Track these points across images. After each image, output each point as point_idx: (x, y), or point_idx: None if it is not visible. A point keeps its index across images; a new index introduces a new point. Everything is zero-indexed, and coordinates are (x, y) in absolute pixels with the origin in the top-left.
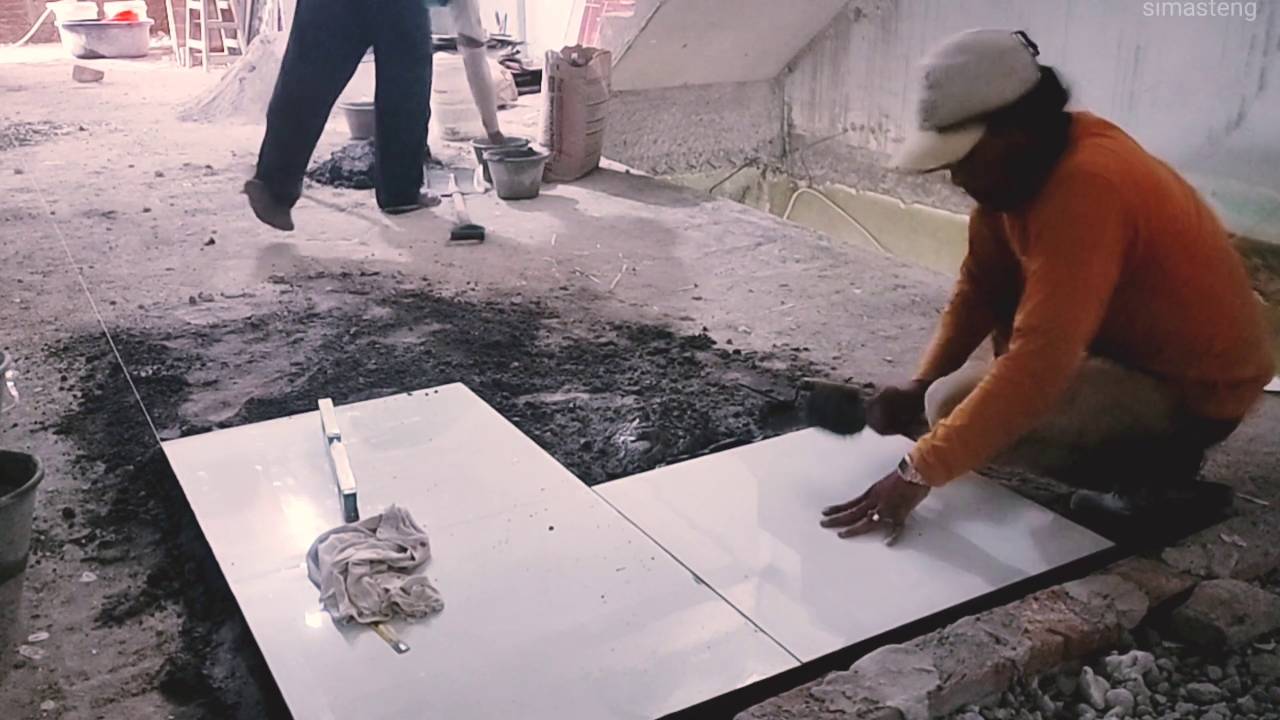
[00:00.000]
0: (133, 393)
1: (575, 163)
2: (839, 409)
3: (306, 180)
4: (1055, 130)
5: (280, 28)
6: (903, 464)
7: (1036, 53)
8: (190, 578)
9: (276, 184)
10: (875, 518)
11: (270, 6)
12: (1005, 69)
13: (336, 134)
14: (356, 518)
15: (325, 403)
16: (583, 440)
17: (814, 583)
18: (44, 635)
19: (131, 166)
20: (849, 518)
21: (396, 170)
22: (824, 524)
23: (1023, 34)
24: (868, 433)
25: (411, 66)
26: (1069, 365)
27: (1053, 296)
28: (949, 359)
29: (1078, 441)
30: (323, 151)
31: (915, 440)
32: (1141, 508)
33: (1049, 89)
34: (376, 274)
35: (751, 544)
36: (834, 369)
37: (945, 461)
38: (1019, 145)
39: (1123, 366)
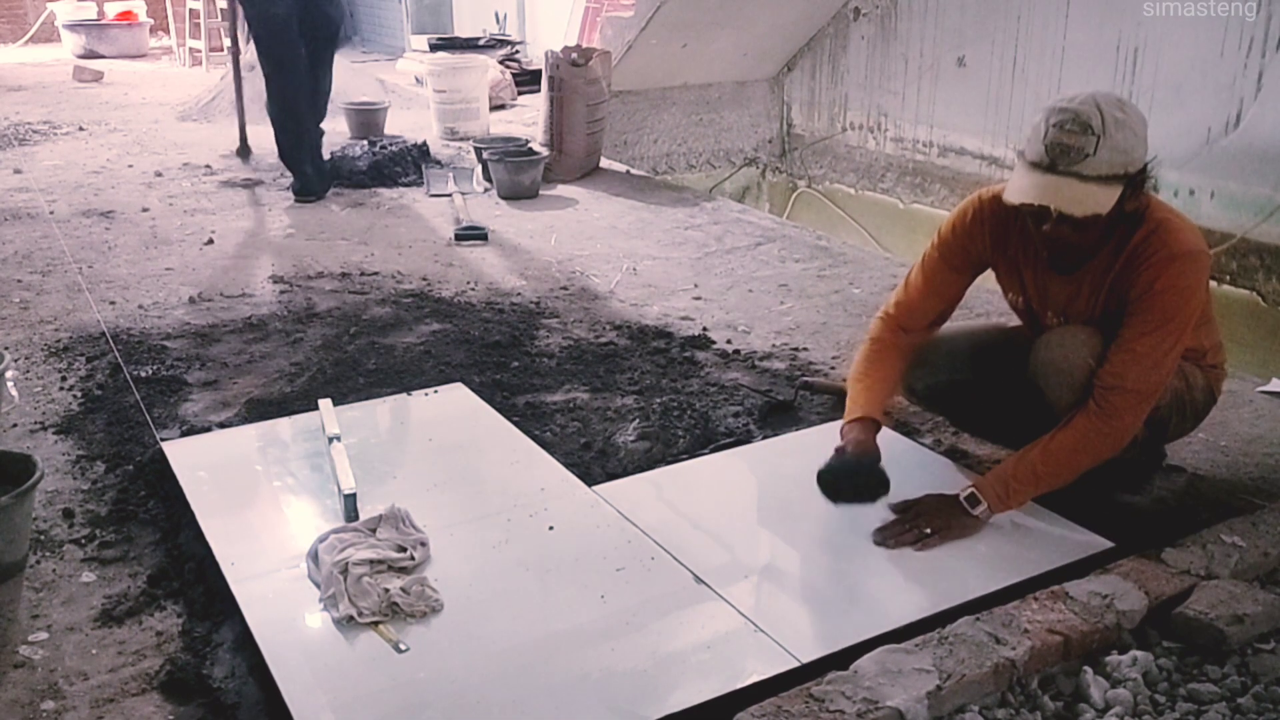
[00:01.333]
0: (133, 393)
1: (575, 163)
2: (859, 481)
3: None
4: (1144, 203)
5: None
6: (973, 499)
7: None
8: (190, 578)
9: (326, 187)
10: (929, 531)
11: None
12: (1146, 135)
13: (336, 134)
14: (356, 518)
15: (325, 403)
16: (583, 440)
17: (814, 583)
18: (44, 635)
19: (131, 166)
20: (900, 534)
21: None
22: (876, 542)
23: None
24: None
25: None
26: (1143, 420)
27: (1160, 365)
28: (886, 396)
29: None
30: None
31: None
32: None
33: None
34: (376, 274)
35: (751, 544)
36: (833, 368)
37: (1020, 498)
38: (1130, 208)
39: None
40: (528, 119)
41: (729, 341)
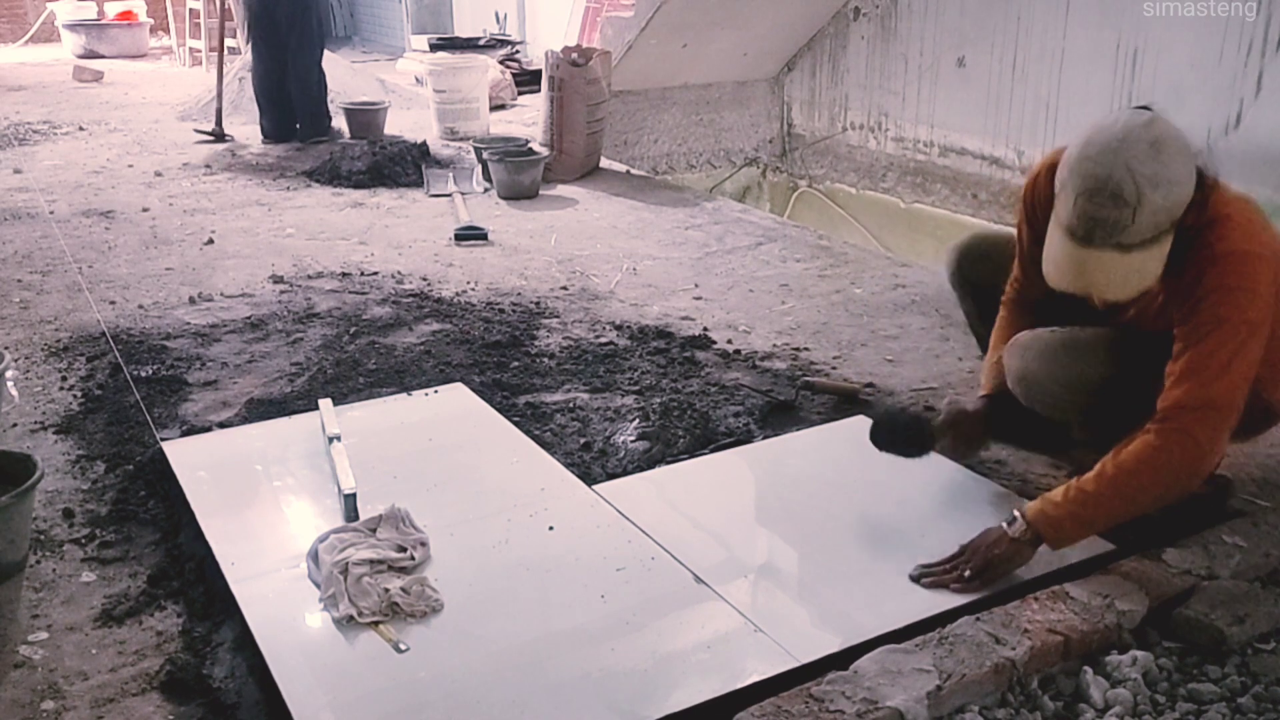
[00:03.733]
0: (133, 393)
1: (575, 163)
2: (907, 432)
3: (306, 180)
4: (1206, 203)
5: None
6: (1011, 521)
7: None
8: (190, 578)
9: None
10: (967, 574)
11: None
12: (1192, 160)
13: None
14: (356, 518)
15: (325, 403)
16: (583, 440)
17: (814, 583)
18: (44, 635)
19: (131, 166)
20: (940, 574)
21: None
22: (912, 577)
23: (1148, 107)
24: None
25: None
26: (1228, 435)
27: (1225, 372)
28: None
29: None
30: (322, 151)
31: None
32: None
33: (1202, 173)
34: (376, 274)
35: (751, 544)
36: (834, 368)
37: (1076, 524)
38: (1186, 230)
39: None
40: (528, 119)
41: (729, 341)
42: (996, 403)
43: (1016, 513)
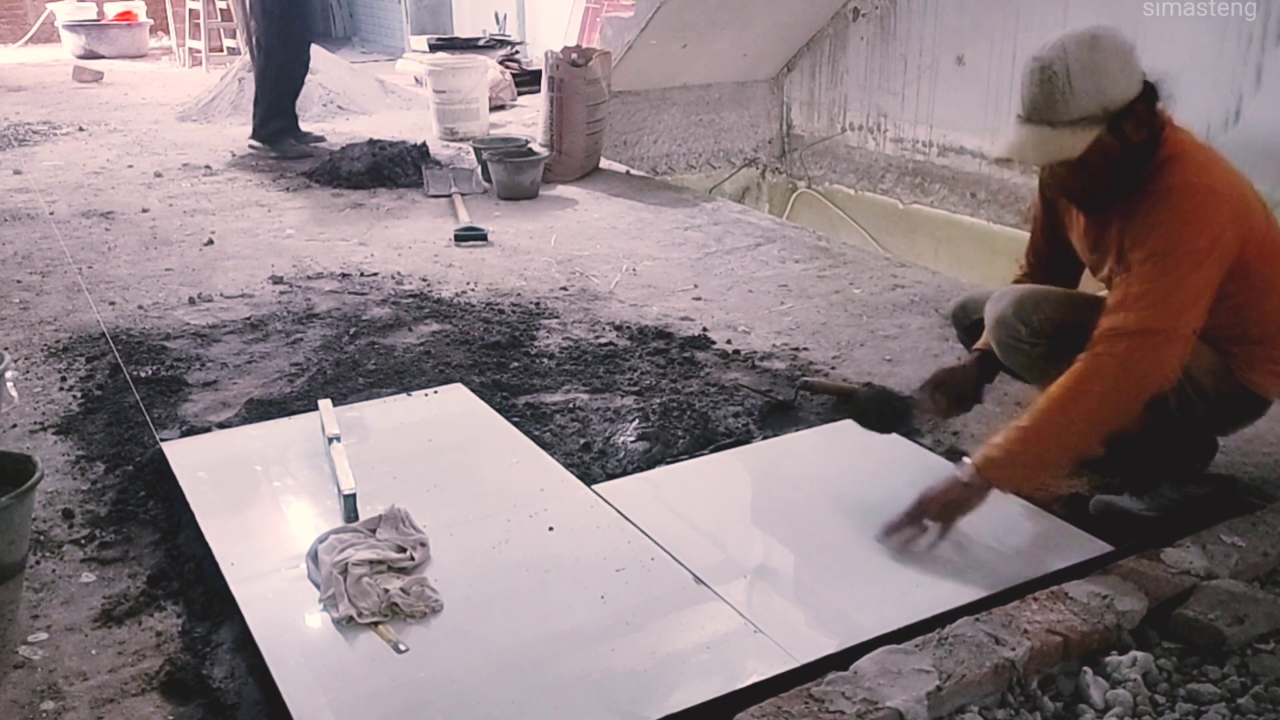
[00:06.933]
0: (132, 393)
1: (575, 163)
2: (883, 409)
3: (305, 181)
4: (1156, 134)
5: None
6: (960, 464)
7: None
8: (190, 578)
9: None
10: (926, 524)
11: None
12: (1131, 67)
13: (336, 134)
14: (356, 518)
15: (325, 403)
16: (582, 440)
17: (813, 583)
18: (44, 635)
19: (130, 167)
20: (897, 527)
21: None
22: (878, 539)
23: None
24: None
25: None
26: (1173, 368)
27: (1166, 299)
28: None
29: None
30: (322, 152)
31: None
32: (1165, 506)
33: (1154, 92)
34: (376, 274)
35: (750, 544)
36: (833, 368)
37: (1017, 463)
38: (1129, 146)
39: None
40: (528, 119)
41: (729, 342)
42: (990, 358)
43: (966, 459)
